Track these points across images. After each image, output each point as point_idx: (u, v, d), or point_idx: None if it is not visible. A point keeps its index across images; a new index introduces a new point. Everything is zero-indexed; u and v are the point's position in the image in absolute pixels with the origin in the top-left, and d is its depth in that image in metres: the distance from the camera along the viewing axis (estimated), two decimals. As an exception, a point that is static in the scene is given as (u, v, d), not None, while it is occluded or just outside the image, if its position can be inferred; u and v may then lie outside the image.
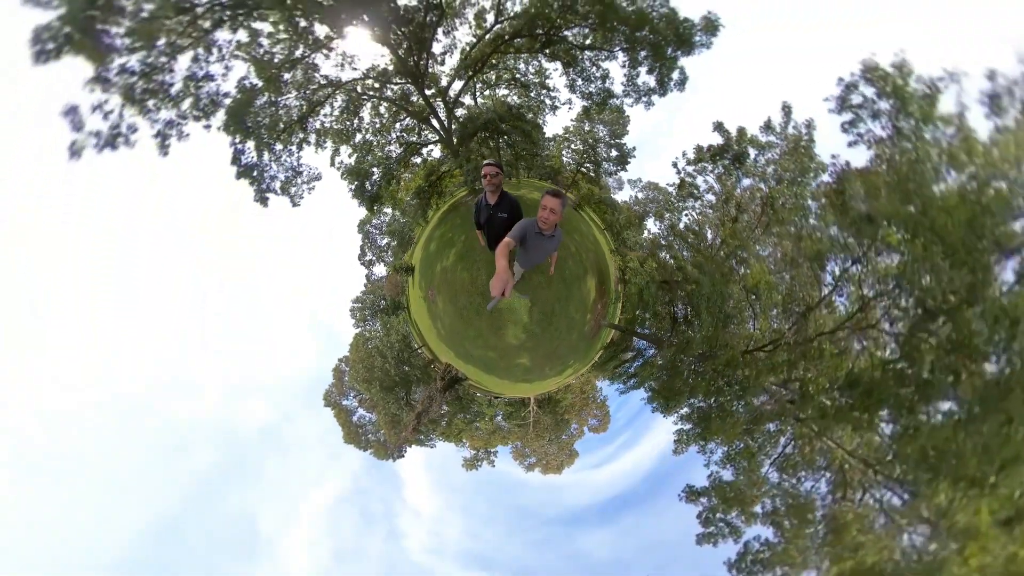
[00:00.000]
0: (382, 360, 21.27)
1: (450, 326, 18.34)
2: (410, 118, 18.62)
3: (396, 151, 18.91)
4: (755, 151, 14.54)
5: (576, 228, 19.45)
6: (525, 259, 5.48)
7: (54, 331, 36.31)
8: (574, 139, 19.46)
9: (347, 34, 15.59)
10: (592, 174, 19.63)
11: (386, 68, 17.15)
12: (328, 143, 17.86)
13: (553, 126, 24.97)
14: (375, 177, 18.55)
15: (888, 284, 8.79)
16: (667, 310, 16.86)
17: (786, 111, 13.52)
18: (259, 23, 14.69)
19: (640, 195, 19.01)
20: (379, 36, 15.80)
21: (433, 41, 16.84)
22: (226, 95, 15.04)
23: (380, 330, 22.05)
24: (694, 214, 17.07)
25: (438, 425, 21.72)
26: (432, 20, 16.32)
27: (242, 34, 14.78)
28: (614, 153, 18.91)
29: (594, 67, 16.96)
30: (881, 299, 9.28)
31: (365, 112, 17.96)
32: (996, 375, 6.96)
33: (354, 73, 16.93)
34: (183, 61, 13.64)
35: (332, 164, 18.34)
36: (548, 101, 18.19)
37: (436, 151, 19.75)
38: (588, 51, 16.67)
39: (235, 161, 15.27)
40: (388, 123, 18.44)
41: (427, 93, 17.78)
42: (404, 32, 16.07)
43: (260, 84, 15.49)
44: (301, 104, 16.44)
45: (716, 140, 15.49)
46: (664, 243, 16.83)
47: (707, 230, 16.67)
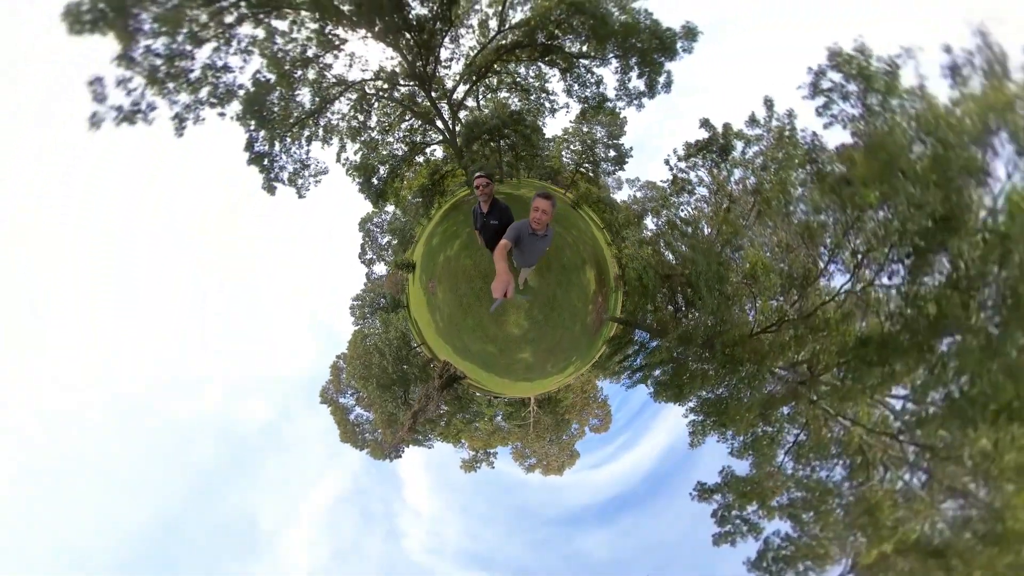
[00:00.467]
0: (380, 357, 21.06)
1: (449, 317, 18.34)
2: (415, 119, 19.56)
3: (401, 150, 19.70)
4: (742, 144, 15.73)
5: (574, 224, 20.16)
6: (521, 258, 6.04)
7: (54, 331, 35.77)
8: (573, 140, 20.51)
9: (362, 37, 16.71)
10: (591, 174, 20.59)
11: (394, 71, 18.23)
12: (335, 139, 18.54)
13: (552, 127, 26.34)
14: (381, 173, 19.19)
15: (878, 236, 9.49)
16: (668, 299, 17.36)
17: (768, 105, 14.82)
18: (277, 21, 15.71)
19: (639, 194, 19.90)
20: (391, 41, 16.96)
21: (440, 47, 18.07)
22: (241, 87, 15.78)
23: (379, 327, 21.96)
24: (689, 209, 18.02)
25: (436, 425, 21.30)
26: (440, 28, 17.59)
27: (260, 31, 15.75)
28: (612, 153, 19.93)
29: (589, 73, 18.32)
30: (874, 254, 9.94)
31: (373, 111, 18.82)
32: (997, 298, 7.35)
33: (364, 74, 17.95)
34: (205, 50, 14.37)
35: (338, 160, 18.96)
36: (547, 104, 19.36)
37: (439, 151, 20.63)
38: (583, 59, 18.08)
39: (248, 147, 15.73)
40: (395, 122, 19.31)
41: (433, 96, 18.84)
42: (414, 38, 17.27)
43: (274, 79, 16.34)
44: (313, 100, 17.22)
45: (704, 135, 16.76)
46: (661, 235, 17.62)
47: (703, 224, 17.55)
